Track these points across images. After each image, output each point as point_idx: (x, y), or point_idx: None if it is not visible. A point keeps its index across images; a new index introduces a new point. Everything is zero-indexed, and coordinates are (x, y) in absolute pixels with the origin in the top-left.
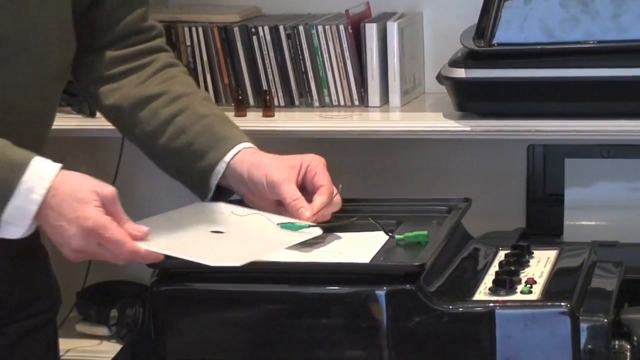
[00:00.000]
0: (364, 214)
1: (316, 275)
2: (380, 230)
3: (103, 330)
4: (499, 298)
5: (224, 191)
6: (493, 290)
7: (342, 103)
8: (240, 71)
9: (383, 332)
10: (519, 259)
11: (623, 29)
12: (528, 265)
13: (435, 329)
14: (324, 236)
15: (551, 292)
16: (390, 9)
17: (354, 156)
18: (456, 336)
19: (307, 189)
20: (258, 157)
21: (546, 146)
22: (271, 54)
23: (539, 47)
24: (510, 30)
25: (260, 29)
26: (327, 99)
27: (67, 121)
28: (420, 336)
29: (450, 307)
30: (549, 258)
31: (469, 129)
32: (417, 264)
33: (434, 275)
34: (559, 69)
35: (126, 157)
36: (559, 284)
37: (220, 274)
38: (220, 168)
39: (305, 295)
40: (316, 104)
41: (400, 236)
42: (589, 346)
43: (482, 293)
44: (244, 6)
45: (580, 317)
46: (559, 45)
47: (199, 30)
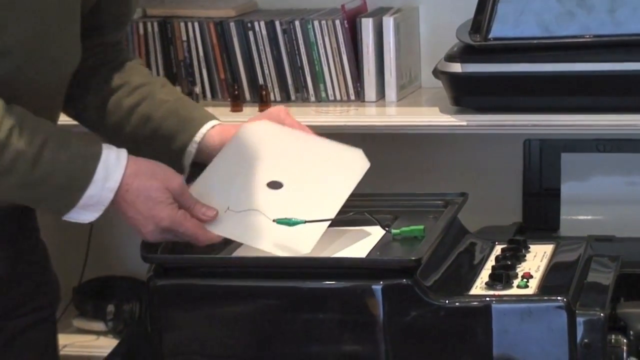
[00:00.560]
0: (360, 209)
1: (313, 270)
2: (376, 224)
3: (100, 326)
4: (496, 292)
5: (198, 166)
6: (489, 285)
7: (339, 98)
8: (237, 66)
9: (379, 327)
10: (515, 254)
11: (619, 23)
12: (524, 260)
13: (431, 324)
14: None
15: (547, 287)
16: (386, 4)
17: None
18: (452, 331)
19: None
20: (227, 130)
21: (542, 141)
22: (267, 49)
23: (535, 42)
24: (506, 24)
25: (256, 23)
26: (324, 94)
27: None
28: (416, 330)
29: (447, 302)
30: (545, 252)
31: (465, 123)
32: (414, 258)
33: (431, 269)
34: (555, 64)
35: None
36: (556, 279)
37: (217, 269)
38: (192, 149)
39: (301, 290)
40: (312, 98)
41: (397, 231)
42: (585, 340)
43: (479, 287)
44: (239, 1)
45: (577, 312)
46: (555, 40)
47: (195, 25)
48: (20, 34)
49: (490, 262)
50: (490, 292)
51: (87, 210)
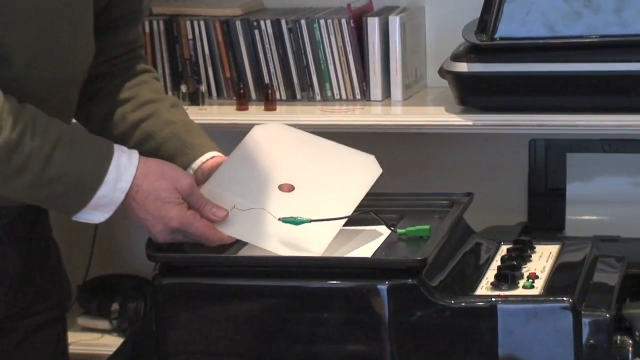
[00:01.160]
0: (366, 209)
1: (318, 269)
2: (382, 224)
3: (104, 324)
4: (501, 293)
5: None
6: (495, 285)
7: (344, 97)
8: (242, 65)
9: (385, 327)
10: (521, 254)
11: (625, 24)
12: (530, 260)
13: (437, 324)
14: None
15: (553, 287)
16: (392, 3)
17: None
18: (458, 331)
19: None
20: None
21: (548, 141)
22: (273, 48)
23: (541, 42)
24: (513, 24)
25: (262, 22)
26: (329, 93)
27: None
28: (422, 331)
29: (453, 302)
30: (551, 253)
31: (471, 123)
32: (420, 258)
33: (436, 269)
34: (561, 64)
35: None
36: (561, 279)
37: (222, 268)
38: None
39: (307, 290)
40: (318, 98)
41: (403, 231)
42: (591, 341)
43: (484, 288)
44: (245, 0)
45: (583, 312)
46: (562, 40)
47: (201, 24)
48: (29, 33)
49: (496, 263)
50: (496, 293)
51: (98, 210)
